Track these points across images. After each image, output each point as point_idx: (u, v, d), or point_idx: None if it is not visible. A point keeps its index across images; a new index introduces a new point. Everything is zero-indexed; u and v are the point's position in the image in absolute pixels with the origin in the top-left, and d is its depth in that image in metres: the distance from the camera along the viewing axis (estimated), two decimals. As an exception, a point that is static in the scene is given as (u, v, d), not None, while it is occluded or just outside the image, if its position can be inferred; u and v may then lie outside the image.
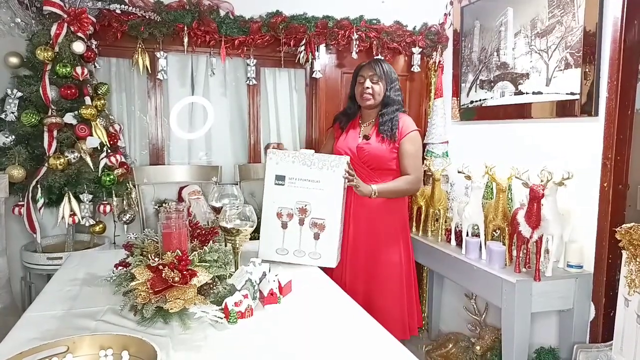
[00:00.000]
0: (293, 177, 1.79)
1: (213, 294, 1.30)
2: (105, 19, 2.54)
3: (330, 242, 1.79)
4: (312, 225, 1.79)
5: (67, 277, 1.62)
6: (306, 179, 1.79)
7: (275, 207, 1.81)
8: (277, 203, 1.80)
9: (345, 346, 1.15)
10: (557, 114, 2.22)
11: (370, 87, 2.11)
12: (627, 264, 1.77)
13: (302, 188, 1.79)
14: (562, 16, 2.17)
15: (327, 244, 1.79)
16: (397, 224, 2.16)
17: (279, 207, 1.80)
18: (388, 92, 2.13)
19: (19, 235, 2.50)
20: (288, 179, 1.79)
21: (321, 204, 1.79)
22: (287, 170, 1.80)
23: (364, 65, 2.16)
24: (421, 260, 2.60)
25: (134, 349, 0.98)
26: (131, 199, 2.63)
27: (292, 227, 1.79)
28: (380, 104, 2.15)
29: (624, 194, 2.01)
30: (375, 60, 2.18)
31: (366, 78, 2.12)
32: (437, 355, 2.70)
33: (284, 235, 1.80)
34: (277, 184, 1.81)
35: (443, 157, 3.01)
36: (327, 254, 1.79)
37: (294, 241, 1.79)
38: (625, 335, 1.79)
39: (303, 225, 1.79)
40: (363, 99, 2.13)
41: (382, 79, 2.11)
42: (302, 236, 1.79)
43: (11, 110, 2.29)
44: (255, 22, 2.82)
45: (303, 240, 1.79)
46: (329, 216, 1.79)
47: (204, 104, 3.00)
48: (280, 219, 1.80)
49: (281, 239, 1.80)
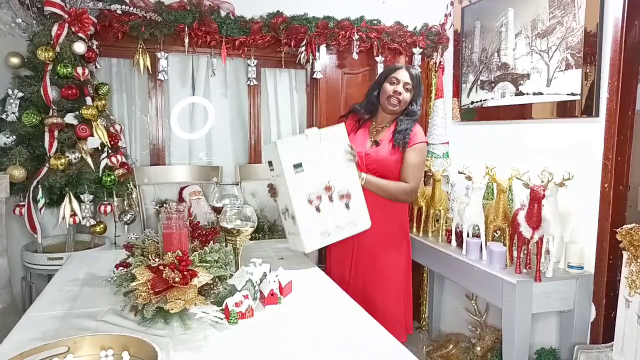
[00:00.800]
0: (308, 160, 1.79)
1: (213, 294, 1.30)
2: (106, 19, 2.55)
3: (360, 206, 1.86)
4: (340, 197, 1.81)
5: (68, 278, 1.63)
6: (320, 157, 1.80)
7: (304, 195, 1.78)
8: (304, 191, 1.78)
9: (345, 346, 1.15)
10: (558, 115, 2.22)
11: (402, 92, 2.04)
12: (628, 265, 1.77)
13: (320, 167, 1.80)
14: (563, 17, 2.17)
15: (359, 210, 1.85)
16: (400, 226, 2.15)
17: (307, 193, 1.78)
18: (414, 104, 2.07)
19: (19, 235, 2.50)
20: (305, 163, 1.78)
21: (340, 174, 1.82)
22: (300, 156, 1.77)
23: (400, 69, 2.07)
24: (421, 261, 2.60)
25: (135, 349, 0.98)
26: (132, 199, 2.63)
27: (324, 207, 1.79)
28: (402, 111, 2.10)
29: (625, 195, 2.01)
30: (412, 67, 2.13)
31: (401, 82, 2.04)
32: (438, 355, 2.69)
33: (320, 220, 1.79)
34: (297, 173, 1.77)
35: (444, 157, 3.01)
36: (362, 219, 1.86)
37: (331, 220, 1.80)
38: (626, 336, 1.78)
39: (333, 202, 1.81)
40: (389, 103, 2.05)
41: (413, 89, 2.06)
42: (335, 212, 1.81)
43: (12, 111, 2.29)
44: (256, 22, 2.82)
45: (337, 214, 1.81)
46: (350, 183, 1.84)
47: (204, 105, 3.00)
48: (312, 204, 1.79)
49: (320, 224, 1.79)
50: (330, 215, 1.80)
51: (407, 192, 2.03)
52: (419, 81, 2.07)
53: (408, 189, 2.02)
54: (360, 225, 1.87)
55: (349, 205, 1.83)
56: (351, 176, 1.86)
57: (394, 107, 2.06)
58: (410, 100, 2.07)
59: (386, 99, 2.07)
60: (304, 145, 1.79)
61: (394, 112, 2.08)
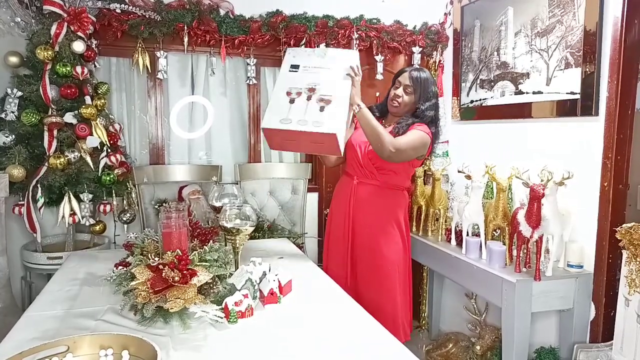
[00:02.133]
0: (307, 66, 1.89)
1: (213, 293, 1.30)
2: (105, 18, 2.54)
3: (336, 113, 1.79)
4: (319, 100, 1.81)
5: (67, 277, 1.63)
6: (319, 66, 1.88)
7: (285, 87, 1.85)
8: (288, 84, 1.85)
9: (345, 346, 1.15)
10: (558, 114, 2.22)
11: (401, 96, 2.05)
12: (628, 264, 1.77)
13: (315, 73, 1.87)
14: (563, 15, 2.17)
15: (332, 115, 1.78)
16: (397, 224, 2.14)
17: (289, 87, 1.84)
18: (421, 106, 2.04)
19: (19, 234, 2.50)
20: (302, 67, 1.89)
21: (329, 83, 1.84)
22: (302, 61, 1.90)
23: (404, 72, 2.08)
24: (421, 260, 2.60)
25: (134, 349, 0.98)
26: (131, 198, 2.63)
27: (298, 102, 1.81)
28: (408, 113, 2.08)
29: (624, 194, 2.01)
30: (417, 69, 2.09)
31: (401, 85, 2.06)
32: (437, 355, 2.70)
33: (290, 108, 1.80)
34: (291, 71, 1.88)
35: (443, 156, 3.01)
36: (330, 122, 1.76)
37: (298, 112, 1.79)
38: (625, 335, 1.79)
39: (310, 100, 1.81)
40: (390, 104, 2.09)
41: (416, 91, 2.04)
42: (307, 108, 1.79)
43: (11, 110, 2.29)
44: (255, 21, 2.82)
45: (308, 111, 1.79)
46: (336, 93, 1.82)
47: (204, 104, 3.00)
48: (289, 96, 1.82)
49: (287, 111, 1.79)
50: (301, 109, 1.79)
51: (390, 142, 1.89)
52: (422, 83, 2.03)
53: (394, 141, 1.91)
54: (324, 127, 1.74)
55: (323, 109, 1.79)
56: (341, 89, 1.84)
57: (394, 108, 2.08)
58: (418, 103, 2.05)
59: (389, 101, 2.11)
60: (311, 55, 1.92)
61: (397, 114, 2.09)
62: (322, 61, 1.89)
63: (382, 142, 1.88)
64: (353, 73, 1.87)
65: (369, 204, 2.08)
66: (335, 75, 1.87)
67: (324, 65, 1.89)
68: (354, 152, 2.10)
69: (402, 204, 2.15)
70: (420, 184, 2.62)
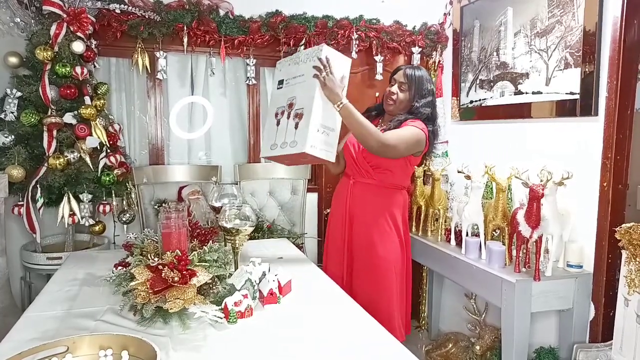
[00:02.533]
0: (288, 78, 1.86)
1: (213, 293, 1.30)
2: (104, 18, 2.54)
3: (304, 128, 1.71)
4: (295, 116, 1.78)
5: (67, 277, 1.63)
6: (296, 75, 1.84)
7: (275, 108, 1.86)
8: (276, 104, 1.86)
9: (344, 346, 1.15)
10: (557, 114, 2.22)
11: (395, 93, 2.05)
12: (627, 264, 1.77)
13: (292, 85, 1.84)
14: (562, 16, 2.17)
15: (302, 131, 1.72)
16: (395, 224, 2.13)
17: (277, 107, 1.85)
18: (416, 103, 2.03)
19: (18, 235, 2.50)
20: (285, 81, 1.87)
21: (303, 94, 1.79)
22: (285, 74, 1.88)
23: (399, 70, 2.08)
24: (421, 260, 2.60)
25: (134, 349, 0.98)
26: (131, 198, 2.63)
27: (282, 122, 1.82)
28: (403, 111, 2.07)
29: (624, 194, 2.01)
30: (412, 67, 2.09)
31: (396, 83, 2.06)
32: (437, 355, 2.70)
33: (276, 132, 1.81)
34: (278, 88, 1.88)
35: (443, 156, 3.01)
36: (300, 140, 1.71)
37: (281, 134, 1.80)
38: (625, 335, 1.79)
39: (289, 119, 1.80)
40: (386, 102, 2.09)
41: (410, 89, 2.03)
42: (287, 128, 1.79)
43: (11, 110, 2.29)
44: (255, 21, 2.82)
45: (288, 131, 1.78)
46: (305, 105, 1.75)
47: (203, 104, 3.00)
48: (277, 117, 1.83)
49: (274, 136, 1.81)
50: (283, 130, 1.80)
51: (377, 137, 1.85)
52: (416, 80, 2.03)
53: (381, 137, 1.86)
54: (297, 147, 1.71)
55: (297, 126, 1.75)
56: (308, 96, 1.74)
57: (389, 106, 2.08)
58: (413, 100, 2.05)
59: (384, 99, 2.11)
60: (289, 64, 1.89)
61: (392, 111, 2.09)
62: (299, 68, 1.82)
63: (366, 136, 1.84)
64: (318, 70, 1.75)
65: (365, 202, 2.08)
66: (307, 81, 1.78)
67: (299, 72, 1.83)
68: (350, 152, 2.10)
69: (399, 203, 2.13)
70: (420, 184, 2.62)
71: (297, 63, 1.85)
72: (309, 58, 1.81)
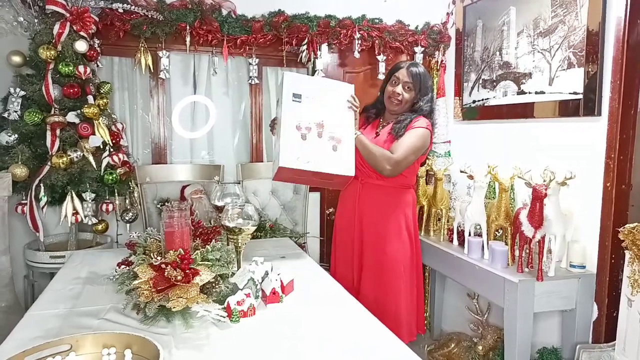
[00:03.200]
0: (309, 95, 1.88)
1: (215, 292, 1.30)
2: (107, 18, 2.55)
3: (348, 154, 1.86)
4: (330, 138, 1.84)
5: (70, 276, 1.63)
6: (321, 98, 1.89)
7: (293, 121, 1.83)
8: (296, 117, 1.84)
9: (347, 345, 1.15)
10: (560, 114, 2.22)
11: (401, 93, 2.03)
12: (630, 264, 1.76)
13: (318, 105, 1.88)
14: (565, 15, 2.17)
15: (345, 155, 1.85)
16: (405, 224, 2.13)
17: (298, 120, 1.83)
18: (419, 102, 2.04)
19: (21, 233, 2.50)
20: (305, 97, 1.87)
21: (336, 119, 1.88)
22: (302, 90, 1.88)
23: (401, 68, 2.05)
24: (423, 260, 2.58)
25: (137, 348, 0.98)
26: (134, 197, 2.63)
27: (311, 138, 1.83)
28: (406, 110, 2.08)
29: (627, 194, 2.01)
30: (414, 64, 2.06)
31: (400, 82, 2.03)
32: (440, 355, 2.69)
33: (303, 146, 1.81)
34: (294, 101, 1.86)
35: (445, 156, 3.00)
36: (346, 164, 1.84)
37: (313, 151, 1.81)
38: (628, 335, 1.78)
39: (321, 138, 1.84)
40: (391, 103, 2.06)
41: (415, 88, 2.03)
42: (321, 147, 1.83)
43: (14, 109, 2.30)
44: (258, 21, 2.82)
45: (323, 150, 1.83)
46: (344, 130, 1.88)
47: (206, 103, 3.00)
48: (300, 131, 1.83)
49: (301, 149, 1.80)
50: (315, 147, 1.82)
51: (387, 160, 1.92)
52: (422, 79, 2.03)
53: (389, 157, 1.92)
54: (343, 169, 1.82)
55: (336, 148, 1.84)
56: (346, 124, 1.90)
57: (395, 107, 2.06)
58: (416, 99, 2.05)
59: (387, 99, 2.08)
60: (309, 83, 1.92)
61: (397, 111, 2.08)
62: (321, 90, 1.92)
63: (378, 162, 1.95)
64: (354, 107, 1.94)
65: (376, 204, 2.07)
66: (337, 109, 1.91)
67: (324, 96, 1.90)
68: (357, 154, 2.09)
69: (409, 202, 2.14)
70: (423, 184, 2.62)
71: (323, 87, 1.94)
72: (336, 88, 1.96)
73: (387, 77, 2.12)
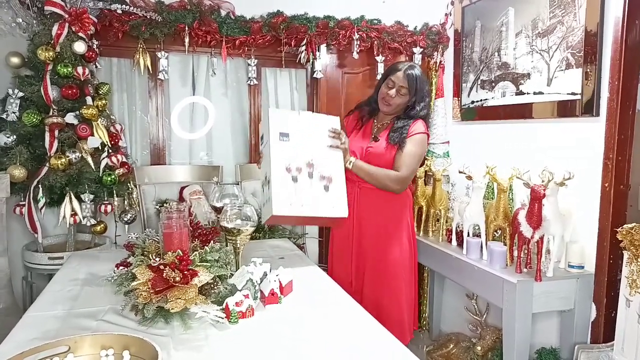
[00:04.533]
0: (296, 133, 1.81)
1: (214, 293, 1.30)
2: (106, 19, 2.54)
3: (340, 193, 1.82)
4: (321, 178, 1.80)
5: (68, 277, 1.63)
6: (308, 135, 1.83)
7: (283, 162, 1.78)
8: (285, 158, 1.79)
9: (346, 346, 1.15)
10: (558, 114, 2.22)
11: (394, 96, 2.02)
12: (629, 265, 1.77)
13: (306, 143, 1.82)
14: (563, 16, 2.17)
15: (338, 195, 1.82)
16: (402, 224, 2.13)
17: (287, 162, 1.78)
18: (416, 106, 2.03)
19: (20, 235, 2.50)
20: (292, 135, 1.81)
21: (325, 158, 1.83)
22: (289, 128, 1.81)
23: (399, 70, 2.02)
24: (422, 261, 2.60)
25: (135, 349, 0.98)
26: (132, 199, 2.63)
27: (302, 180, 1.78)
28: (401, 112, 2.08)
29: (626, 195, 2.01)
30: (411, 67, 2.03)
31: (395, 86, 2.01)
32: (438, 355, 2.69)
33: (295, 189, 1.77)
34: (282, 140, 1.80)
35: (444, 157, 3.01)
36: (339, 205, 1.81)
37: (306, 194, 1.78)
38: (626, 335, 1.78)
39: (312, 179, 1.79)
40: (382, 104, 2.06)
41: (410, 92, 2.01)
42: (312, 188, 1.79)
43: (12, 110, 2.29)
44: (256, 22, 2.82)
45: (315, 192, 1.79)
46: (334, 170, 1.84)
47: (205, 104, 3.00)
48: (290, 173, 1.78)
49: (293, 193, 1.76)
50: (307, 189, 1.78)
51: (396, 181, 1.97)
52: (418, 83, 2.00)
53: (396, 177, 1.97)
54: (338, 210, 1.80)
55: (328, 188, 1.80)
56: (336, 162, 1.86)
57: (387, 108, 2.06)
58: (411, 103, 2.04)
59: (381, 99, 2.08)
60: (295, 120, 1.83)
61: (388, 113, 2.08)
62: (307, 126, 1.84)
63: (385, 185, 1.97)
64: (339, 143, 1.86)
65: (374, 208, 2.07)
66: (325, 144, 1.85)
67: (311, 132, 1.84)
68: None
69: (407, 204, 2.15)
70: (421, 185, 2.62)
71: (309, 123, 1.86)
72: (322, 122, 1.88)
73: (384, 78, 2.11)
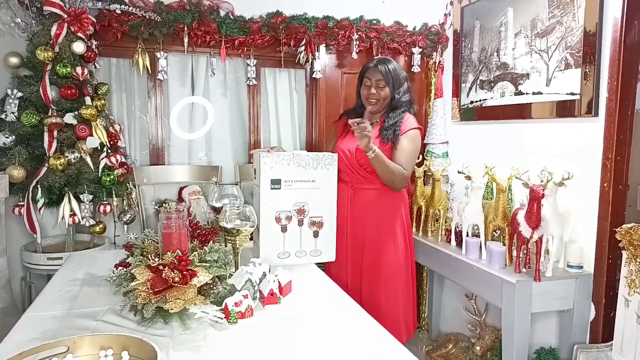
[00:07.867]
0: (289, 180, 1.76)
1: (213, 294, 1.30)
2: (105, 19, 2.54)
3: (329, 237, 1.83)
4: (311, 224, 1.79)
5: (67, 278, 1.62)
6: (302, 179, 1.77)
7: (273, 211, 1.75)
8: (275, 207, 1.76)
9: (345, 346, 1.15)
10: (557, 114, 2.22)
11: (376, 92, 2.05)
12: (627, 264, 1.77)
13: (299, 189, 1.77)
14: (562, 16, 2.17)
15: (326, 240, 1.83)
16: (399, 224, 2.14)
17: (277, 211, 1.75)
18: (396, 95, 2.06)
19: (19, 235, 2.50)
20: (284, 181, 1.75)
21: (318, 202, 1.80)
22: (282, 173, 1.75)
23: (370, 67, 2.07)
24: (421, 261, 2.60)
25: (134, 349, 0.98)
26: (131, 199, 2.63)
27: (291, 229, 1.78)
28: (387, 107, 2.10)
29: (624, 195, 2.01)
30: (382, 61, 2.06)
31: (372, 82, 2.05)
32: (437, 355, 2.69)
33: (284, 239, 1.77)
34: (273, 189, 1.75)
35: (443, 157, 3.01)
36: (327, 250, 1.83)
37: (294, 243, 1.79)
38: (625, 335, 1.79)
39: (302, 226, 1.79)
40: (369, 104, 2.08)
41: (389, 83, 2.04)
42: (302, 236, 1.79)
43: (11, 111, 2.29)
44: (256, 22, 2.82)
45: (303, 240, 1.79)
46: (326, 213, 1.81)
47: (204, 104, 3.00)
48: (279, 223, 1.76)
49: (282, 243, 1.77)
50: (295, 238, 1.78)
51: (401, 176, 2.02)
52: (393, 73, 2.04)
53: (403, 173, 2.02)
54: (324, 257, 1.84)
55: (317, 234, 1.80)
56: (330, 208, 1.82)
57: (372, 106, 2.08)
58: (392, 93, 2.06)
59: (365, 100, 2.11)
60: (288, 163, 1.76)
61: (377, 110, 2.10)
62: (307, 172, 1.78)
63: (394, 179, 2.00)
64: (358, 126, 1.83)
65: (369, 209, 2.07)
66: (320, 186, 1.79)
67: (306, 177, 1.78)
68: (343, 159, 2.08)
69: (403, 204, 2.15)
70: (420, 185, 2.62)
71: (304, 167, 1.77)
72: (319, 165, 1.79)
73: (360, 80, 2.14)
